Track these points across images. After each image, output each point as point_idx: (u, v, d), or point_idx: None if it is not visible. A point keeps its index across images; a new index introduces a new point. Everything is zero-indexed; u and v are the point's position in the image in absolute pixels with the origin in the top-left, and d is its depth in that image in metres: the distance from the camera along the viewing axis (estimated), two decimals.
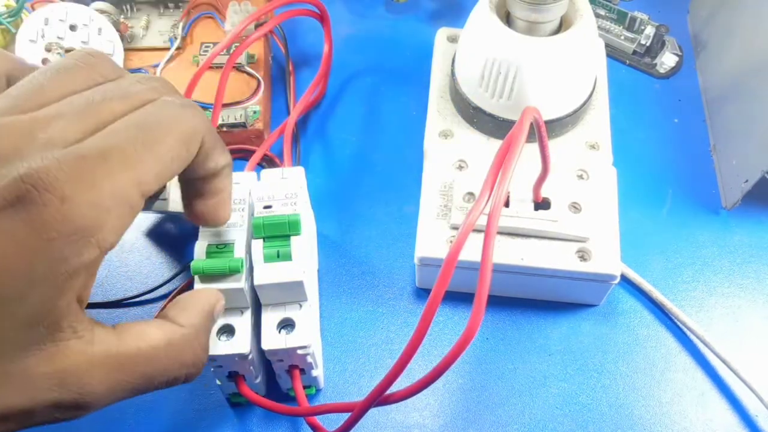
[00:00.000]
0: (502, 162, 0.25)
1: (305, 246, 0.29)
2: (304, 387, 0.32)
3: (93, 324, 0.21)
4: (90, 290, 0.21)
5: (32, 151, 0.19)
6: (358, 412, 0.27)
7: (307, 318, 0.30)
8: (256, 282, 0.28)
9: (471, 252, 0.33)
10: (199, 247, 0.29)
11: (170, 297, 0.37)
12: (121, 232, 0.20)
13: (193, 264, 0.28)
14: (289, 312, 0.30)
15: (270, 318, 0.29)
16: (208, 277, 0.28)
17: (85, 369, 0.20)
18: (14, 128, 0.20)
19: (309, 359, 0.30)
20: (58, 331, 0.19)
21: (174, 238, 0.39)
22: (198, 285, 0.28)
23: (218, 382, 0.31)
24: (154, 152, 0.21)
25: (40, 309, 0.19)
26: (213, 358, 0.29)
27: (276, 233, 0.29)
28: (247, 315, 0.29)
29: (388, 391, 0.26)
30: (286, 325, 0.30)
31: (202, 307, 0.25)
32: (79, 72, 0.22)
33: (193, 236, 0.29)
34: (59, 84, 0.22)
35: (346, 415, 0.28)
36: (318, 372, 0.32)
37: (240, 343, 0.29)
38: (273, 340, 0.29)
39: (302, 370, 0.31)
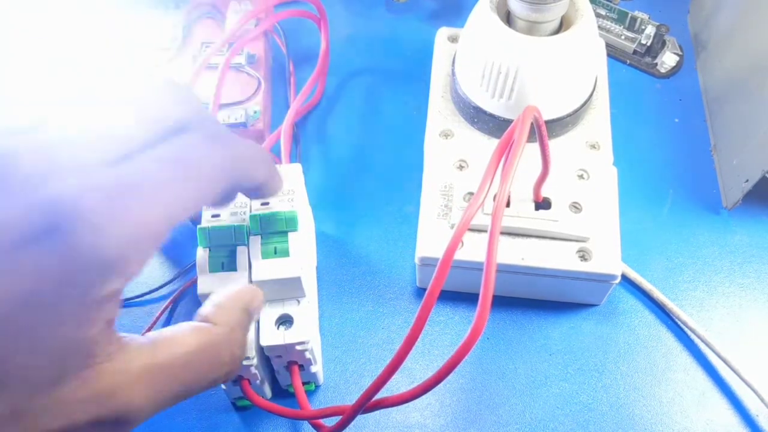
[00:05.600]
0: (499, 159, 0.25)
1: (303, 242, 0.29)
2: (304, 383, 0.32)
3: (126, 340, 0.20)
4: (117, 311, 0.20)
5: (61, 173, 0.18)
6: (348, 415, 0.27)
7: (306, 314, 0.30)
8: (254, 278, 0.28)
9: (472, 252, 0.34)
10: (202, 252, 0.29)
11: (172, 298, 0.37)
12: (146, 262, 0.20)
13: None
14: (288, 308, 0.30)
15: (268, 314, 0.29)
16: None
17: (122, 386, 0.20)
18: (40, 146, 0.18)
19: (308, 355, 0.30)
20: (90, 357, 0.19)
21: (174, 238, 0.39)
22: (201, 280, 0.28)
23: (223, 387, 0.31)
24: (186, 188, 0.20)
25: (70, 340, 0.18)
26: None
27: (273, 229, 0.29)
28: None
29: (391, 394, 0.26)
30: (285, 321, 0.30)
31: (236, 303, 0.25)
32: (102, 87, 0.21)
33: (193, 237, 0.29)
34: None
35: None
36: (317, 368, 0.32)
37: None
38: (272, 336, 0.29)
39: (301, 366, 0.31)
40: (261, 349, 0.30)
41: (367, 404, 0.26)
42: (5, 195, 0.18)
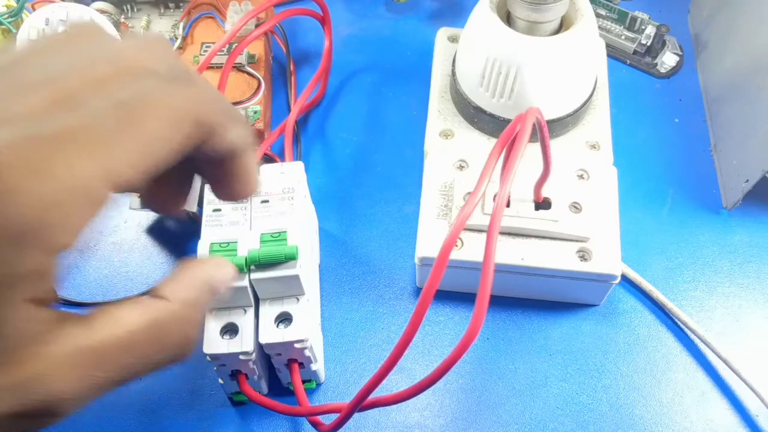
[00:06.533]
0: (497, 156, 0.25)
1: (302, 241, 0.29)
2: (305, 381, 0.32)
3: (57, 320, 0.18)
4: (53, 289, 0.17)
5: None
6: (346, 412, 0.27)
7: (305, 312, 0.30)
8: (252, 276, 0.28)
9: (472, 252, 0.34)
10: (202, 247, 0.29)
11: None
12: (78, 230, 0.17)
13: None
14: (287, 306, 0.30)
15: (268, 312, 0.30)
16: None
17: (50, 372, 0.17)
18: None
19: (307, 353, 0.30)
20: (7, 339, 0.16)
21: (175, 236, 0.39)
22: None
23: (220, 381, 0.31)
24: (133, 135, 0.17)
25: None
26: (216, 357, 0.29)
27: (272, 262, 0.28)
28: (250, 313, 0.29)
29: (389, 393, 0.26)
30: (284, 319, 0.30)
31: (195, 277, 0.21)
32: (68, 40, 0.18)
33: (195, 234, 0.29)
34: (39, 54, 0.18)
35: None
36: (317, 366, 0.32)
37: (244, 342, 0.29)
38: (271, 334, 0.29)
39: (301, 364, 0.31)
40: (261, 347, 0.30)
41: (364, 403, 0.26)
42: None
